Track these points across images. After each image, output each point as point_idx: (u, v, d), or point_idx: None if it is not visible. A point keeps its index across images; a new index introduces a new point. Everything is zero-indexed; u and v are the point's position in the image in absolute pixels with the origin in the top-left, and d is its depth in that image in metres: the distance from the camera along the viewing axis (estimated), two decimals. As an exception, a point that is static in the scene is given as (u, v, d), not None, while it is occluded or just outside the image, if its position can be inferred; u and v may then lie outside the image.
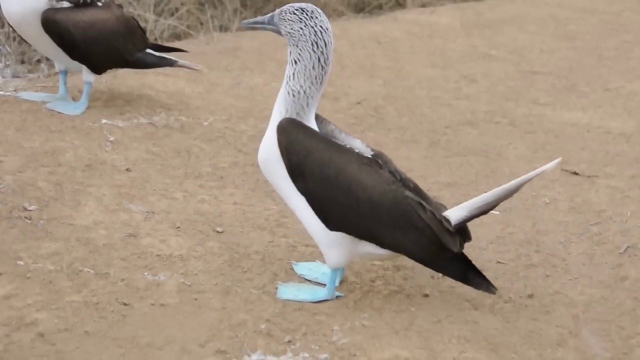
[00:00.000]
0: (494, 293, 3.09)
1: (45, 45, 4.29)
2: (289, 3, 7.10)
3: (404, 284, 3.27)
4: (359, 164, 2.95)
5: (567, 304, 3.24)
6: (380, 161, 3.02)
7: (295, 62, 2.95)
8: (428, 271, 3.37)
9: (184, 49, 4.86)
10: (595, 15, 7.93)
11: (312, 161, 2.93)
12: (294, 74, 2.96)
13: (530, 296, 3.27)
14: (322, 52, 2.93)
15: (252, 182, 3.94)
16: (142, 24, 5.82)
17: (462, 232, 3.07)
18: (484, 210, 3.07)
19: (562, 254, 3.61)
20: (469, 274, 3.07)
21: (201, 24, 6.54)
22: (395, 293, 3.20)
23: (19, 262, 3.09)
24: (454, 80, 5.79)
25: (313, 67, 2.93)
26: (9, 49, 5.36)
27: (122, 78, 4.89)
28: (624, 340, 3.06)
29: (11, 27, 4.36)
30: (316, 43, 2.92)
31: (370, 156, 3.02)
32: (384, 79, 5.62)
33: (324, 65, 2.94)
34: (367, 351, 2.86)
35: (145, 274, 3.13)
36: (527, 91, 5.70)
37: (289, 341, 2.87)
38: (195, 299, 3.02)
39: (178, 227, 3.47)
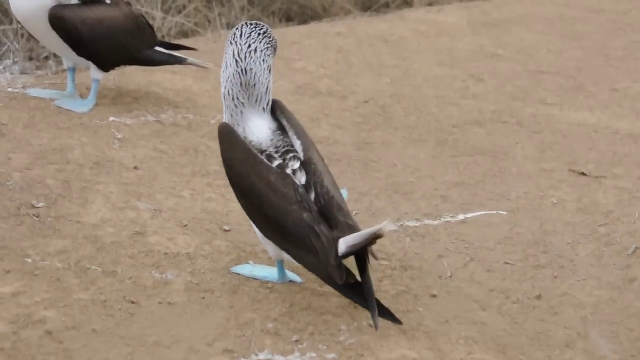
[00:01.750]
0: (399, 323, 2.94)
1: (52, 41, 4.29)
2: (295, 1, 7.13)
3: (411, 284, 3.26)
4: (268, 181, 2.95)
5: (575, 305, 3.24)
6: (292, 176, 2.96)
7: (225, 66, 3.10)
8: (435, 271, 3.37)
9: (193, 47, 4.86)
10: (602, 15, 7.90)
11: (234, 172, 3.03)
12: (223, 76, 3.11)
13: (538, 297, 3.26)
14: (240, 55, 3.05)
15: (259, 181, 3.94)
16: (150, 22, 5.82)
17: (360, 257, 2.89)
18: (361, 247, 2.84)
19: (569, 254, 3.61)
20: (371, 304, 2.86)
21: (208, 21, 6.53)
22: (403, 293, 3.20)
23: (26, 259, 3.09)
24: (461, 79, 5.78)
25: (236, 66, 3.06)
26: (17, 46, 5.36)
27: (129, 75, 4.89)
28: (632, 342, 3.05)
29: (19, 23, 4.35)
30: (238, 44, 3.06)
31: (299, 163, 2.99)
32: (391, 78, 5.62)
33: (243, 67, 3.05)
34: (374, 351, 2.86)
35: (153, 272, 3.14)
36: (534, 91, 5.68)
37: (297, 340, 2.87)
38: (203, 298, 3.03)
39: (185, 225, 3.47)
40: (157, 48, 4.53)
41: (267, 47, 3.07)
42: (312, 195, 2.95)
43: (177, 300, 3.00)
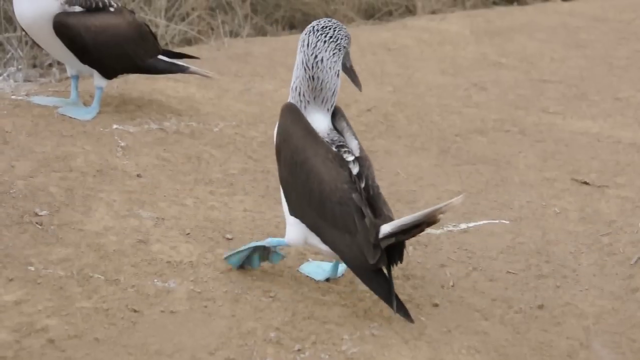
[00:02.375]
0: (412, 322, 3.01)
1: (56, 49, 4.30)
2: (298, 9, 7.14)
3: (413, 294, 3.26)
4: (324, 158, 3.04)
5: (578, 315, 3.24)
6: (348, 161, 3.06)
7: (296, 67, 3.17)
8: (438, 281, 3.37)
9: (196, 56, 4.87)
10: (606, 24, 7.91)
11: (288, 145, 3.10)
12: (294, 72, 3.18)
13: (541, 307, 3.26)
14: (307, 64, 3.12)
15: (262, 189, 3.95)
16: (153, 29, 5.82)
17: (392, 251, 2.98)
18: (405, 231, 2.93)
19: (572, 264, 3.61)
20: (391, 296, 2.95)
21: (212, 29, 6.54)
22: (405, 302, 3.18)
23: (29, 267, 3.09)
24: (464, 87, 5.79)
25: (305, 73, 3.13)
26: (20, 53, 5.37)
27: (133, 83, 4.90)
28: (635, 353, 3.05)
29: (23, 30, 4.37)
30: (306, 54, 3.13)
31: (353, 157, 3.08)
32: (394, 86, 5.62)
33: (311, 75, 3.12)
34: (376, 361, 2.86)
35: (155, 280, 3.14)
36: (537, 99, 5.69)
37: (299, 350, 2.87)
38: (205, 307, 3.03)
39: (188, 234, 3.47)
40: (160, 57, 4.54)
41: (335, 53, 3.14)
42: (362, 185, 3.03)
43: (180, 308, 3.00)
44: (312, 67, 3.12)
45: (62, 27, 4.18)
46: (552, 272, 3.53)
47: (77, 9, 4.23)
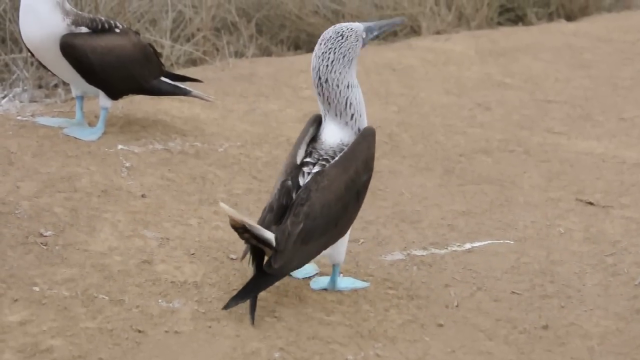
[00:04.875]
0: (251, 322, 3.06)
1: (63, 70, 4.32)
2: (303, 29, 7.16)
3: (418, 314, 3.26)
4: (286, 162, 3.22)
5: (582, 336, 3.23)
6: (303, 171, 3.16)
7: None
8: (442, 301, 3.37)
9: (199, 79, 4.89)
10: (610, 45, 7.93)
11: None
12: None
13: (545, 327, 3.26)
14: (315, 89, 3.20)
15: (266, 209, 3.95)
16: (159, 50, 5.85)
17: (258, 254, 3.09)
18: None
19: (577, 284, 3.60)
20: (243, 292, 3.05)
21: (217, 50, 6.57)
22: (410, 322, 3.19)
23: (34, 288, 3.10)
24: (469, 108, 5.80)
25: (315, 89, 3.20)
26: (26, 74, 5.40)
27: (138, 104, 4.92)
28: (639, 373, 3.04)
29: (29, 51, 4.39)
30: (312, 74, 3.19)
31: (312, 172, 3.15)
32: (399, 106, 5.64)
33: (320, 98, 3.19)
34: (381, 381, 2.86)
35: (160, 300, 3.14)
36: (541, 120, 5.70)
37: (303, 370, 2.87)
38: (210, 327, 3.02)
39: (193, 254, 3.47)
40: (164, 79, 4.55)
41: (342, 71, 3.16)
42: (294, 193, 3.11)
43: (184, 329, 3.00)
44: (317, 86, 3.16)
45: (68, 48, 4.20)
46: (556, 293, 3.52)
47: (84, 29, 4.26)
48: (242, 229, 2.95)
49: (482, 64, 6.91)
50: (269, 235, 2.99)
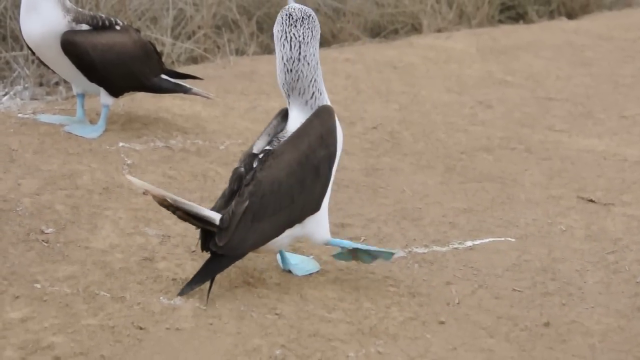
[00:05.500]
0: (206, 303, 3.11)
1: (63, 67, 4.32)
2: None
3: (419, 311, 3.26)
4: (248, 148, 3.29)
5: (584, 333, 3.23)
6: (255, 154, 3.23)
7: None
8: (443, 298, 3.37)
9: (199, 76, 4.88)
10: (611, 42, 7.93)
11: None
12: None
13: (547, 325, 3.25)
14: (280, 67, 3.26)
15: (267, 207, 3.94)
16: (160, 48, 5.85)
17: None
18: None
19: (578, 282, 3.60)
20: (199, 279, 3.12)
21: (218, 47, 6.57)
22: (411, 320, 3.19)
23: (35, 285, 3.10)
24: (470, 105, 5.79)
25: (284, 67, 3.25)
26: (27, 72, 5.40)
27: (139, 101, 4.92)
28: (640, 371, 3.04)
29: (30, 49, 4.39)
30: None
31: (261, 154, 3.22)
32: (400, 104, 5.63)
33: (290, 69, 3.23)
34: (382, 378, 2.85)
35: (161, 298, 3.14)
36: (542, 117, 5.69)
37: (304, 367, 2.87)
38: (211, 324, 3.02)
39: (193, 251, 3.47)
40: (164, 76, 4.55)
41: (315, 49, 3.22)
42: (248, 177, 3.16)
43: (185, 326, 3.00)
44: (294, 63, 3.21)
45: (69, 45, 4.20)
46: (557, 290, 3.52)
47: (84, 27, 4.26)
48: (171, 207, 3.02)
49: (483, 61, 6.91)
50: (210, 214, 3.08)
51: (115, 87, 4.41)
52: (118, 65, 4.34)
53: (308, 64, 3.20)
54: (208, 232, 3.12)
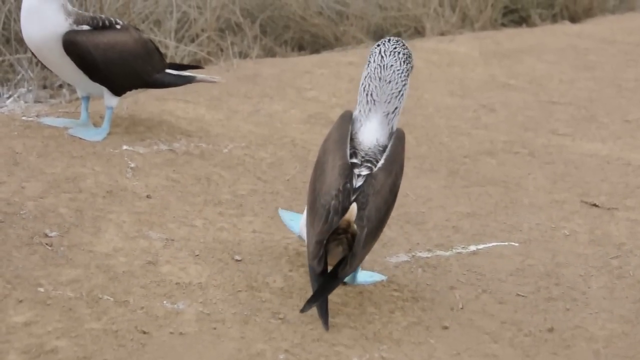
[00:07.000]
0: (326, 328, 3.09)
1: (66, 69, 4.32)
2: (307, 30, 7.16)
3: (423, 316, 3.26)
4: (334, 165, 3.18)
5: (588, 339, 3.22)
6: (355, 174, 3.17)
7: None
8: (447, 303, 3.36)
9: (200, 65, 4.88)
10: (614, 46, 7.92)
11: (324, 144, 3.29)
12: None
13: (550, 330, 3.25)
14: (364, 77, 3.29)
15: (271, 210, 3.95)
16: (163, 50, 5.85)
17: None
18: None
19: (582, 287, 3.60)
20: (314, 297, 3.08)
21: (221, 50, 6.56)
22: (415, 325, 3.19)
23: (39, 288, 3.10)
24: (473, 109, 5.79)
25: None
26: (31, 74, 5.40)
27: (142, 104, 4.92)
28: (645, 377, 3.04)
29: (32, 53, 4.39)
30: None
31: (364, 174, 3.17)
32: (403, 107, 5.62)
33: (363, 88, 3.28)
34: (386, 384, 2.85)
35: (165, 302, 3.14)
36: (546, 121, 5.69)
37: (308, 372, 2.87)
38: (214, 328, 3.02)
39: (197, 255, 3.47)
40: (167, 70, 4.57)
41: (406, 66, 3.28)
42: (352, 198, 3.10)
43: (189, 330, 3.00)
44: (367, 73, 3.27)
45: (71, 45, 4.20)
46: (561, 295, 3.52)
47: (85, 27, 4.26)
48: (344, 229, 3.03)
49: (486, 65, 6.90)
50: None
51: (118, 86, 4.41)
52: (120, 64, 4.35)
53: (403, 83, 3.26)
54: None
